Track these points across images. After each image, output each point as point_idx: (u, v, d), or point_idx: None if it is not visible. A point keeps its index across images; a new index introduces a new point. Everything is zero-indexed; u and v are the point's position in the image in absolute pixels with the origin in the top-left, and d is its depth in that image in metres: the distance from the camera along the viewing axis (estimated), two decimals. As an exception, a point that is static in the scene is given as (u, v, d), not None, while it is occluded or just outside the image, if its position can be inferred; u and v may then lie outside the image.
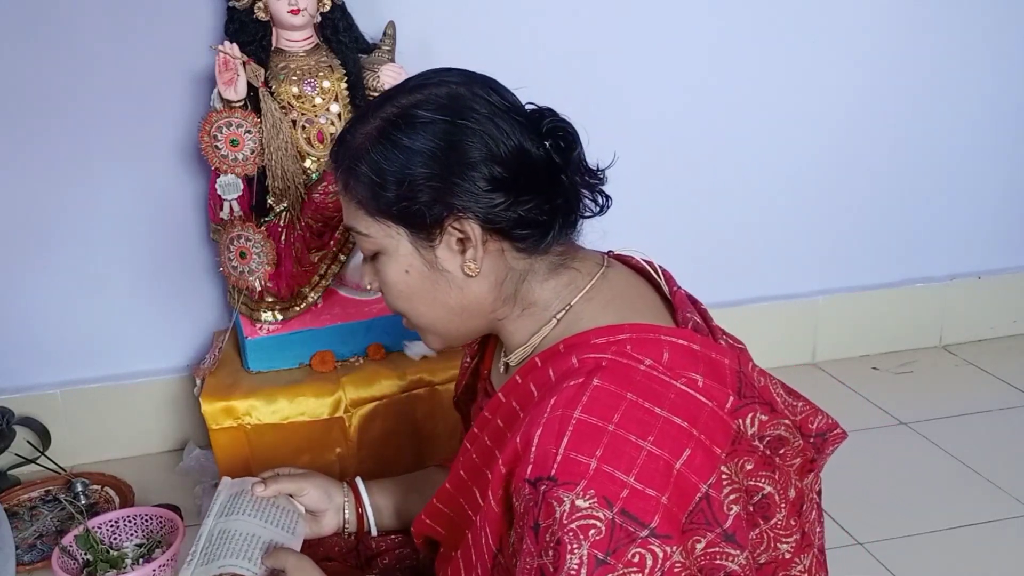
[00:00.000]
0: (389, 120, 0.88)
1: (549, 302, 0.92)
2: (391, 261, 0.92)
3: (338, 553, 1.17)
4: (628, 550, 0.73)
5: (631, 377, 0.81)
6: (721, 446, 0.80)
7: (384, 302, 0.99)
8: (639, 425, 0.78)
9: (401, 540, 1.18)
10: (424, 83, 0.91)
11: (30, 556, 1.60)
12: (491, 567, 0.86)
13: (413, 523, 1.04)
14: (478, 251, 0.88)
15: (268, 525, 1.06)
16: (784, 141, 2.08)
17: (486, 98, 0.88)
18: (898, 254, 2.24)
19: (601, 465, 0.75)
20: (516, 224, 0.87)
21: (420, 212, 0.87)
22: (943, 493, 1.73)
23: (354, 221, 0.92)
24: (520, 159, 0.87)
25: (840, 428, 0.95)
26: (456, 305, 0.92)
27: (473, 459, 0.94)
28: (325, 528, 1.14)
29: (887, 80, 2.09)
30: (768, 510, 0.86)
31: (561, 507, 0.74)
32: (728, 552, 0.79)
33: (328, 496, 1.14)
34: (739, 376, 0.86)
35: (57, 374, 1.88)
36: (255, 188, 1.59)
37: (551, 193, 0.89)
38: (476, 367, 1.12)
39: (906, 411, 2.00)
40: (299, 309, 1.64)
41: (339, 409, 1.59)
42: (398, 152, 0.87)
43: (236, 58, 1.53)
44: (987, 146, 2.20)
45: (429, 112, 0.87)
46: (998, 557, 1.56)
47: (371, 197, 0.89)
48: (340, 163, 0.92)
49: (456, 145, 0.85)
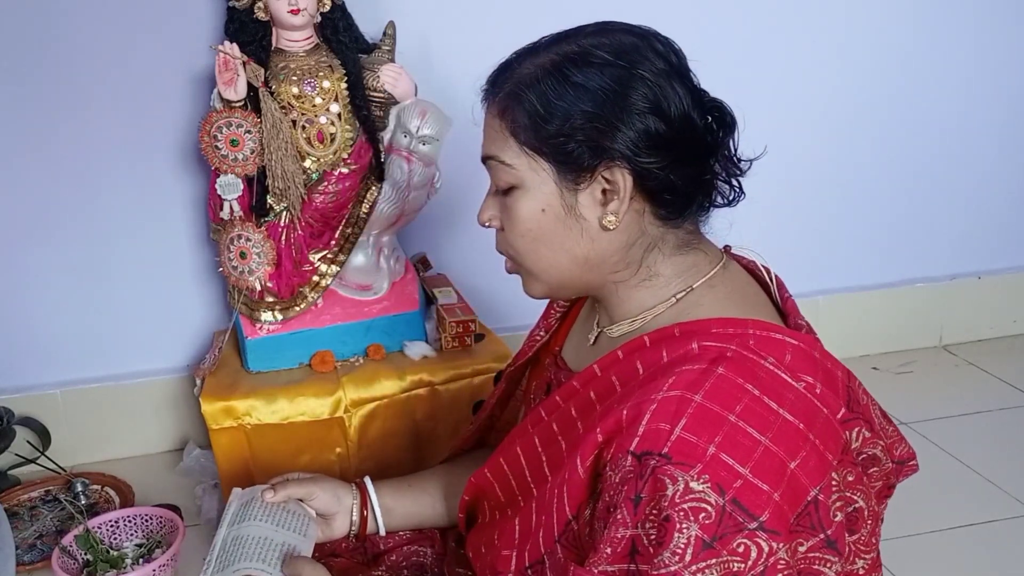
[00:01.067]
0: (566, 56, 0.87)
1: (671, 279, 0.91)
2: (529, 197, 0.89)
3: (344, 550, 1.17)
4: (735, 539, 0.74)
5: (755, 372, 0.81)
6: (833, 453, 0.81)
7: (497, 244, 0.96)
8: (759, 420, 0.78)
9: (408, 537, 1.18)
10: (606, 28, 0.90)
11: (30, 556, 1.60)
12: (560, 533, 0.86)
13: (473, 476, 1.04)
14: (623, 204, 0.87)
15: (280, 529, 1.06)
16: (784, 141, 2.08)
17: (666, 57, 0.88)
18: (898, 254, 2.24)
19: (719, 452, 0.75)
20: (664, 188, 0.87)
21: (576, 152, 0.86)
22: (943, 493, 1.73)
23: (499, 150, 0.90)
24: (685, 124, 0.86)
25: (916, 461, 0.96)
26: (581, 255, 0.90)
27: (552, 428, 0.94)
28: (337, 531, 1.14)
29: (887, 80, 2.09)
30: (855, 524, 0.86)
31: (675, 486, 0.74)
32: (827, 558, 0.79)
33: (338, 499, 1.14)
34: (848, 390, 0.87)
35: (57, 374, 1.88)
36: (255, 188, 1.59)
37: (702, 168, 0.89)
38: (547, 342, 1.12)
39: (906, 411, 2.00)
40: (299, 309, 1.64)
41: (339, 409, 1.59)
42: (570, 88, 0.85)
43: (236, 58, 1.53)
44: (987, 146, 2.20)
45: (608, 55, 0.86)
46: (998, 557, 1.56)
47: (530, 127, 0.87)
48: (501, 88, 0.90)
49: (628, 92, 0.84)
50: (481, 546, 1.02)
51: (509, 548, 0.93)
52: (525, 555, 0.91)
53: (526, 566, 0.90)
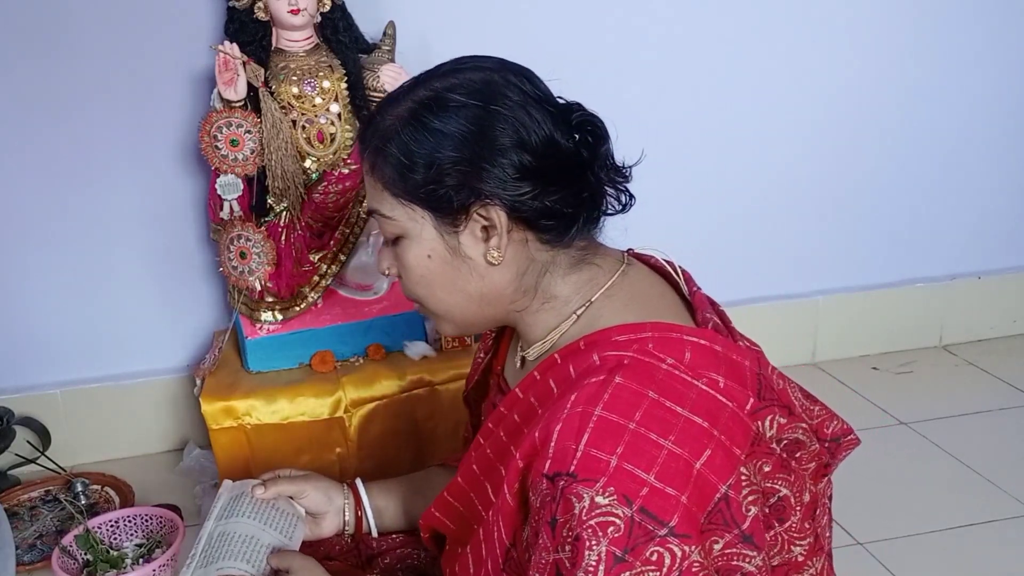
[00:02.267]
0: (421, 103, 0.88)
1: (569, 297, 0.91)
2: (413, 245, 0.91)
3: (339, 552, 1.17)
4: (647, 548, 0.74)
5: (653, 376, 0.81)
6: (741, 447, 0.80)
7: (401, 289, 0.98)
8: (660, 424, 0.77)
9: (402, 539, 1.18)
10: (458, 67, 0.90)
11: (30, 556, 1.60)
12: (503, 562, 0.86)
13: (422, 516, 1.04)
14: (503, 239, 0.87)
15: (267, 528, 1.06)
16: (784, 141, 2.08)
17: (519, 86, 0.88)
18: (898, 254, 2.24)
19: (621, 463, 0.75)
20: (542, 214, 0.87)
21: (447, 196, 0.86)
22: (943, 493, 1.73)
23: (378, 203, 0.91)
24: (550, 149, 0.86)
25: (854, 434, 0.95)
26: (476, 293, 0.91)
27: (487, 454, 0.94)
28: (325, 530, 1.14)
29: (887, 80, 2.09)
30: (783, 512, 0.86)
31: (580, 503, 0.74)
32: (745, 553, 0.79)
33: (328, 498, 1.14)
34: (759, 378, 0.86)
35: (57, 374, 1.88)
36: (255, 188, 1.59)
37: (578, 186, 0.89)
38: (489, 363, 1.12)
39: (906, 411, 2.00)
40: (299, 309, 1.64)
41: (339, 409, 1.59)
42: (428, 135, 0.86)
43: (236, 58, 1.53)
44: (987, 146, 2.20)
45: (462, 96, 0.86)
46: (998, 557, 1.56)
47: (398, 179, 0.88)
48: (368, 144, 0.91)
49: (487, 131, 0.85)
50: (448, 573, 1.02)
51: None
52: None
53: None
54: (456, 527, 1.00)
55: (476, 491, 0.95)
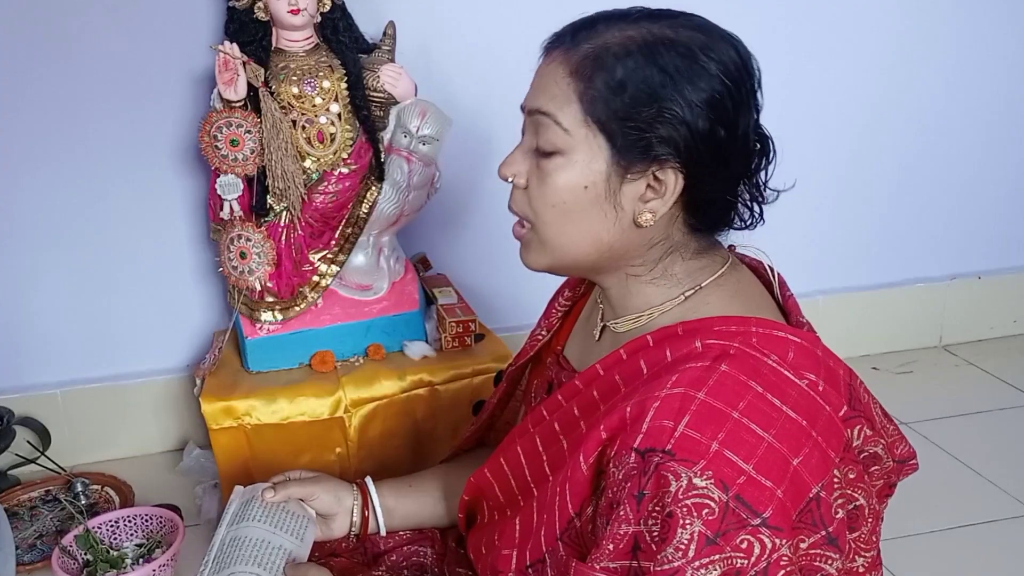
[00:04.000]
0: (661, 38, 0.83)
1: (682, 279, 0.91)
2: (573, 169, 0.85)
3: (344, 550, 1.17)
4: (738, 535, 0.74)
5: (758, 369, 0.81)
6: (835, 450, 0.81)
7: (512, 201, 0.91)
8: (762, 417, 0.78)
9: (409, 537, 1.18)
10: (706, 26, 0.86)
11: (30, 556, 1.60)
12: (562, 530, 0.86)
13: (472, 476, 1.04)
14: (665, 206, 0.85)
15: (278, 531, 1.06)
16: (783, 141, 2.08)
17: (752, 75, 0.86)
18: (898, 254, 2.24)
19: (722, 449, 0.75)
20: (705, 200, 0.87)
21: (642, 142, 0.82)
22: (943, 493, 1.73)
23: (558, 108, 0.84)
24: (744, 143, 0.86)
25: (916, 460, 0.95)
26: (607, 242, 0.88)
27: (554, 427, 0.94)
28: (336, 531, 1.14)
29: (886, 81, 2.09)
30: (856, 521, 0.86)
31: (678, 482, 0.74)
32: (829, 555, 0.80)
33: (338, 499, 1.14)
34: (850, 388, 0.87)
35: (57, 374, 1.88)
36: (255, 188, 1.59)
37: (739, 187, 0.89)
38: (548, 342, 1.11)
39: (906, 411, 2.00)
40: (299, 309, 1.64)
41: (339, 409, 1.59)
42: (658, 73, 0.81)
43: (236, 58, 1.53)
44: (987, 146, 2.20)
45: (702, 53, 0.83)
46: (998, 557, 1.56)
47: (605, 99, 0.82)
48: (582, 45, 0.84)
49: (715, 104, 0.82)
50: (482, 546, 1.02)
51: (510, 547, 0.93)
52: (526, 554, 0.91)
53: (527, 565, 0.90)
54: (503, 495, 1.00)
55: (531, 463, 0.96)
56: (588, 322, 1.04)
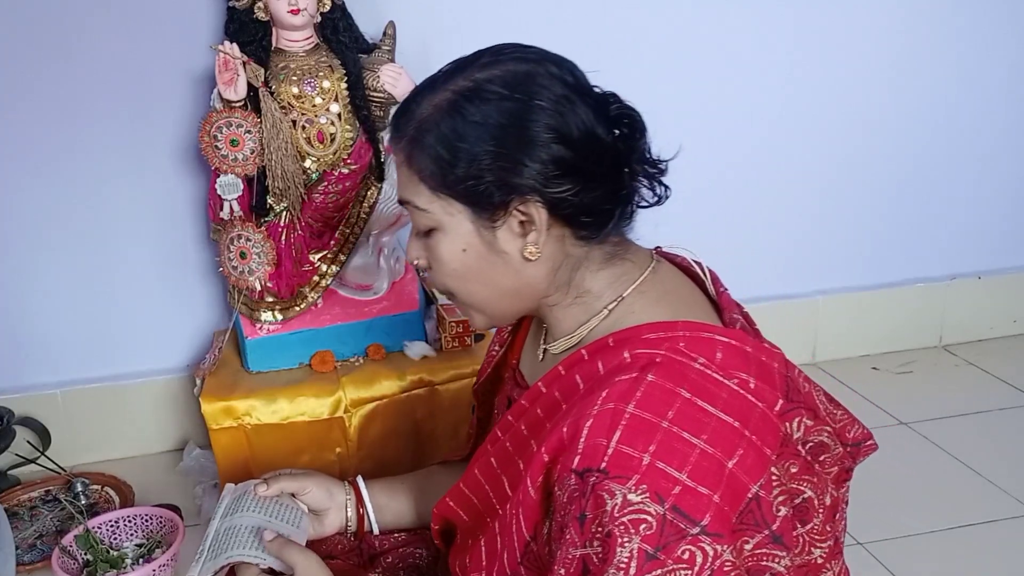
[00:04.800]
0: (462, 93, 0.85)
1: (601, 292, 0.91)
2: (448, 239, 0.89)
3: (341, 551, 1.17)
4: (678, 546, 0.73)
5: (685, 375, 0.80)
6: (771, 447, 0.80)
7: (430, 280, 0.96)
8: (693, 423, 0.77)
9: (404, 539, 1.18)
10: (498, 58, 0.88)
11: (30, 556, 1.60)
12: (521, 555, 0.86)
13: (435, 506, 1.04)
14: (541, 235, 0.86)
15: (273, 519, 1.06)
16: (784, 141, 2.08)
17: (561, 78, 0.86)
18: (898, 254, 2.24)
19: (654, 461, 0.75)
20: (580, 211, 0.86)
21: (487, 192, 0.85)
22: (943, 493, 1.73)
23: (413, 195, 0.89)
24: (591, 144, 0.85)
25: (873, 440, 0.95)
26: (510, 287, 0.90)
27: (506, 447, 0.93)
28: (328, 527, 1.14)
29: (886, 81, 2.09)
30: (806, 514, 0.86)
31: (613, 500, 0.74)
32: (775, 554, 0.79)
33: (330, 495, 1.14)
34: (786, 380, 0.87)
35: (57, 374, 1.88)
36: (255, 188, 1.59)
37: (616, 181, 0.88)
38: (504, 356, 1.11)
39: (906, 411, 2.00)
40: (299, 309, 1.64)
41: (339, 409, 1.59)
42: (469, 127, 0.84)
43: (236, 58, 1.53)
44: (988, 146, 2.20)
45: (503, 88, 0.84)
46: (998, 557, 1.56)
47: (437, 172, 0.86)
48: (403, 133, 0.89)
49: (529, 125, 0.83)
50: (457, 567, 1.02)
51: (478, 571, 0.93)
52: None
53: None
54: (469, 519, 1.00)
55: (492, 484, 0.95)
56: (535, 337, 1.04)
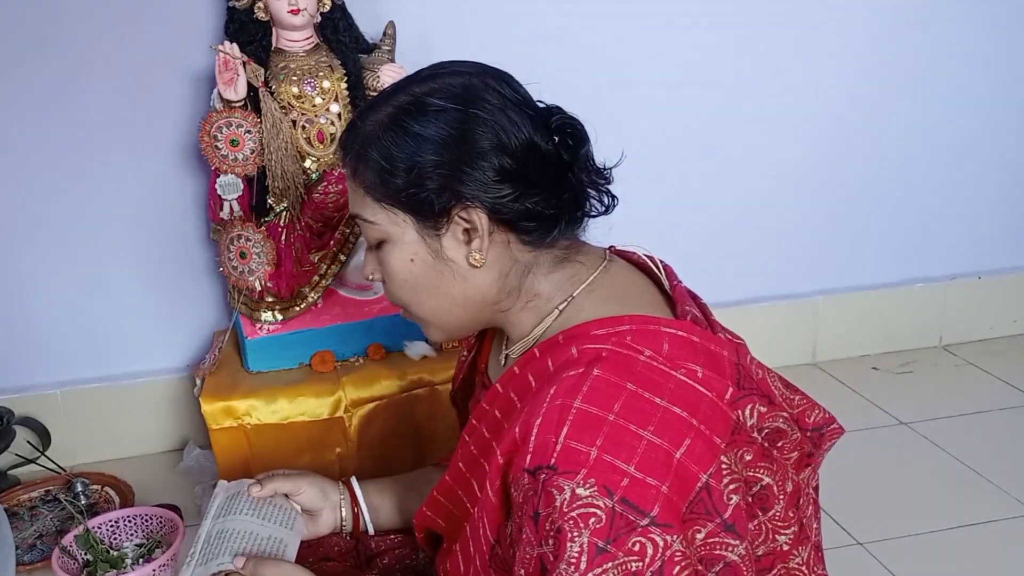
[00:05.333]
0: (401, 107, 0.89)
1: (552, 295, 0.92)
2: (396, 249, 0.92)
3: (337, 553, 1.17)
4: (628, 538, 0.74)
5: (631, 367, 0.81)
6: (721, 436, 0.81)
7: (385, 295, 0.99)
8: (639, 415, 0.78)
9: (400, 540, 1.18)
10: (437, 72, 0.91)
11: (30, 556, 1.60)
12: (488, 559, 0.86)
13: (415, 516, 1.05)
14: (484, 241, 0.88)
15: (266, 522, 1.06)
16: (784, 140, 2.08)
17: (498, 90, 0.89)
18: (898, 254, 2.24)
19: (601, 454, 0.75)
20: (523, 216, 0.88)
21: (428, 200, 0.87)
22: (943, 493, 1.73)
23: (360, 208, 0.93)
24: (529, 152, 0.87)
25: (837, 423, 0.96)
26: (460, 296, 0.92)
27: (471, 451, 0.94)
28: (322, 527, 1.14)
29: (887, 79, 2.09)
30: (766, 501, 0.86)
31: (561, 495, 0.74)
32: (728, 542, 0.80)
33: (324, 495, 1.14)
34: (737, 368, 0.87)
35: (57, 374, 1.88)
36: (255, 188, 1.59)
37: (559, 188, 0.89)
38: (473, 361, 1.12)
39: (906, 411, 2.00)
40: (299, 309, 1.64)
41: (339, 409, 1.59)
42: (409, 139, 0.87)
43: (236, 58, 1.53)
44: (987, 146, 2.20)
45: (441, 100, 0.87)
46: (998, 557, 1.56)
47: (379, 183, 0.89)
48: (349, 149, 0.92)
49: (467, 134, 0.86)
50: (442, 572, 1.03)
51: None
52: None
53: None
54: (447, 525, 1.01)
55: (463, 488, 0.96)
56: (500, 341, 1.04)
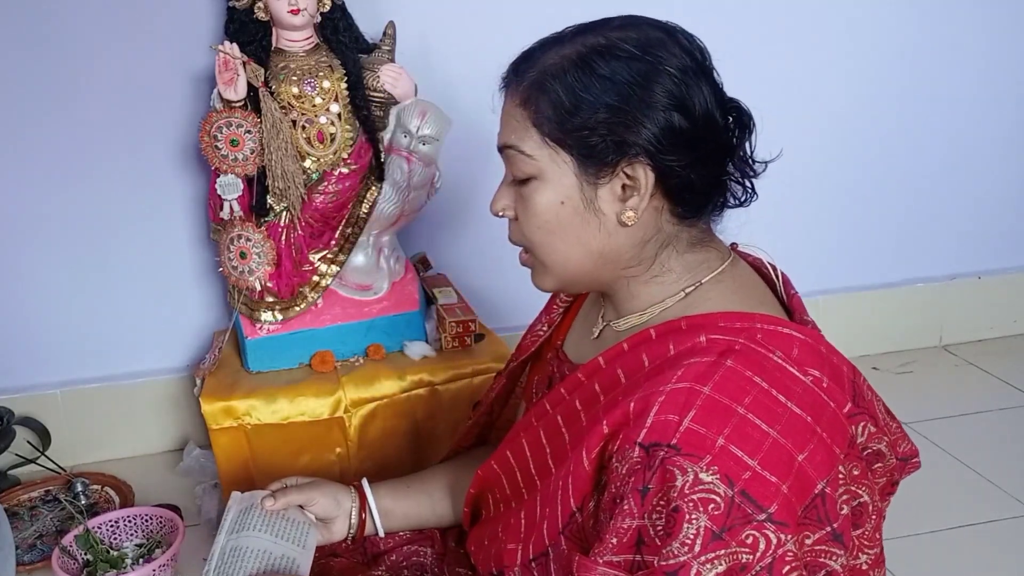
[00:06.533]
0: (593, 47, 0.86)
1: (681, 275, 0.91)
2: (547, 189, 0.88)
3: (344, 550, 1.17)
4: (743, 530, 0.74)
5: (764, 365, 0.81)
6: (840, 446, 0.81)
7: (510, 233, 0.95)
8: (767, 412, 0.78)
9: (408, 537, 1.19)
10: (632, 21, 0.89)
11: (30, 556, 1.60)
12: (564, 525, 0.86)
13: (480, 469, 1.05)
14: (643, 201, 0.86)
15: (279, 540, 1.06)
16: (783, 140, 2.08)
17: (690, 52, 0.87)
18: (898, 254, 2.24)
19: (728, 444, 0.76)
20: (685, 186, 0.87)
21: (601, 147, 0.85)
22: (943, 493, 1.73)
23: (520, 140, 0.88)
24: (708, 122, 0.86)
25: (919, 459, 0.97)
26: (596, 250, 0.90)
27: (557, 421, 0.94)
28: (336, 534, 1.15)
29: (887, 79, 2.09)
30: (860, 518, 0.86)
31: (684, 476, 0.74)
32: (833, 551, 0.80)
33: (337, 503, 1.14)
34: (854, 385, 0.88)
35: (57, 374, 1.88)
36: (255, 188, 1.59)
37: (721, 168, 0.89)
38: (549, 337, 1.11)
39: (906, 411, 1.99)
40: (299, 309, 1.64)
41: (339, 409, 1.59)
42: (596, 80, 0.84)
43: (236, 58, 1.53)
44: (987, 146, 2.20)
45: (634, 48, 0.85)
46: (998, 557, 1.56)
47: (554, 118, 0.86)
48: (524, 76, 0.89)
49: (654, 87, 0.84)
50: (484, 539, 1.03)
51: (515, 541, 0.94)
52: (530, 547, 0.91)
53: (530, 559, 0.91)
54: (509, 488, 1.01)
55: (536, 457, 0.96)
56: (588, 318, 1.04)
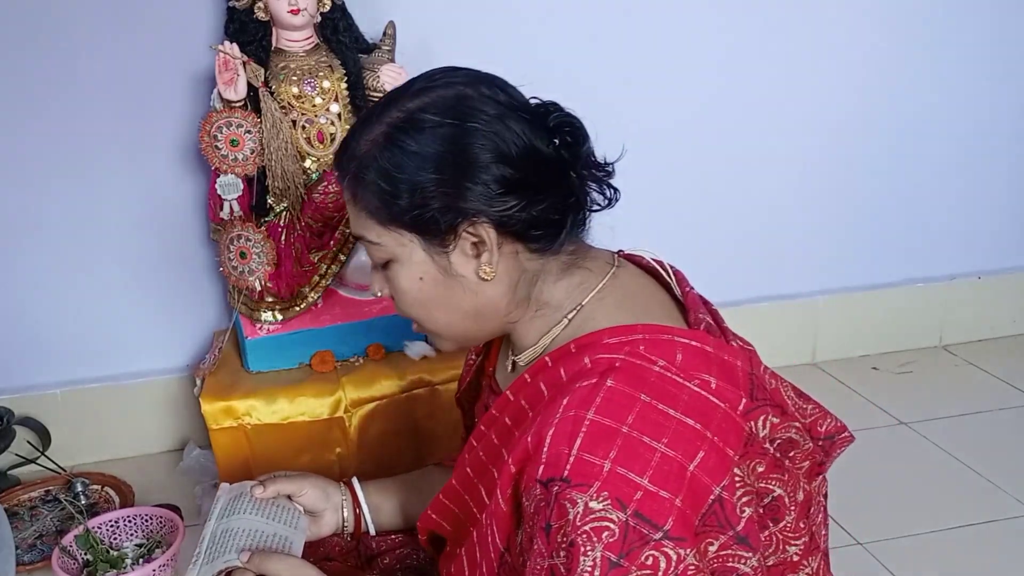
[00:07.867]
0: (396, 125, 0.86)
1: (561, 302, 0.91)
2: (404, 269, 0.90)
3: (339, 553, 1.17)
4: (642, 552, 0.73)
5: (645, 378, 0.80)
6: (734, 448, 0.80)
7: (395, 309, 0.98)
8: (653, 427, 0.77)
9: (402, 540, 1.19)
10: (429, 85, 0.89)
11: (30, 556, 1.60)
12: (497, 566, 0.86)
13: (419, 519, 1.04)
14: (493, 255, 0.87)
15: (271, 521, 1.06)
16: (784, 141, 2.08)
17: (493, 98, 0.87)
18: (898, 254, 2.24)
19: (615, 467, 0.75)
20: (530, 225, 0.87)
21: (434, 219, 0.86)
22: (943, 493, 1.73)
23: (364, 231, 0.91)
24: (531, 158, 0.86)
25: (848, 432, 0.95)
26: (471, 309, 0.91)
27: (480, 456, 0.94)
28: (324, 528, 1.15)
29: (887, 80, 2.09)
30: (777, 512, 0.86)
31: (575, 508, 0.74)
32: (740, 555, 0.79)
33: (326, 495, 1.14)
34: (751, 378, 0.86)
35: (57, 374, 1.88)
36: (255, 188, 1.59)
37: (563, 191, 0.88)
38: (481, 364, 1.12)
39: (906, 411, 2.00)
40: (299, 309, 1.64)
41: (339, 409, 1.59)
42: (407, 158, 0.85)
43: (236, 58, 1.53)
44: (987, 146, 2.20)
45: (436, 116, 0.85)
46: (998, 557, 1.56)
47: (382, 206, 0.87)
48: (346, 171, 0.90)
49: (466, 149, 0.84)
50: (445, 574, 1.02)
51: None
52: None
53: None
54: (452, 529, 1.00)
55: (470, 493, 0.95)
56: (508, 346, 1.04)
